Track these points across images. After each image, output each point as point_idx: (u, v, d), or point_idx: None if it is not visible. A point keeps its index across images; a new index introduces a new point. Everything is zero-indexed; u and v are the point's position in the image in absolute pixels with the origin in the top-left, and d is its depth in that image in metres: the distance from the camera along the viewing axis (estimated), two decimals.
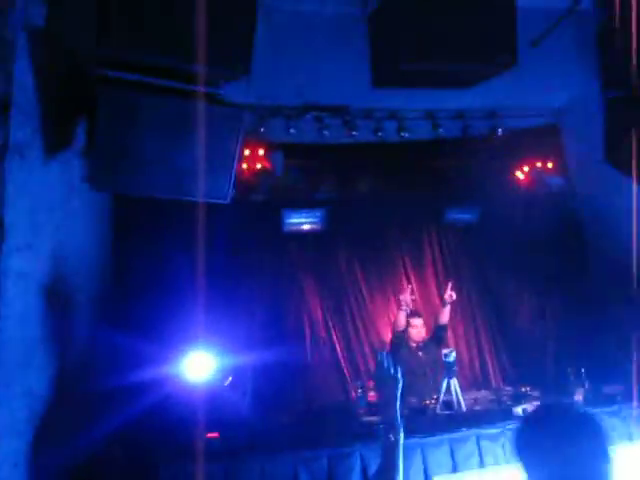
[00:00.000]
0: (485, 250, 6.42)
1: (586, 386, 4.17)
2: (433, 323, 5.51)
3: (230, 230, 5.68)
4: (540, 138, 6.91)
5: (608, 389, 4.24)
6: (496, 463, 3.51)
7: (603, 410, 3.76)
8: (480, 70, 4.42)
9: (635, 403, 3.90)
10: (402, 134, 6.27)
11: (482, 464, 3.52)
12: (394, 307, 6.15)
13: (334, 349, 5.92)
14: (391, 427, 2.18)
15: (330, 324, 5.97)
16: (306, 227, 6.00)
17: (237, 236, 5.70)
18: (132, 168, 3.68)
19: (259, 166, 6.20)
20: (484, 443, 3.53)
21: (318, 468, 3.30)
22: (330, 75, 5.64)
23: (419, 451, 3.44)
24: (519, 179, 6.90)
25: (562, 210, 6.60)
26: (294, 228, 5.95)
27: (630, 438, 3.75)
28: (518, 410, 3.78)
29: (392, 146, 6.42)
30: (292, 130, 6.01)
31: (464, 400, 4.16)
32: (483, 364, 6.16)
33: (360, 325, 6.04)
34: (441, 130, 6.33)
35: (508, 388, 4.59)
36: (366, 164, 6.43)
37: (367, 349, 5.97)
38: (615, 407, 3.87)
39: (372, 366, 5.95)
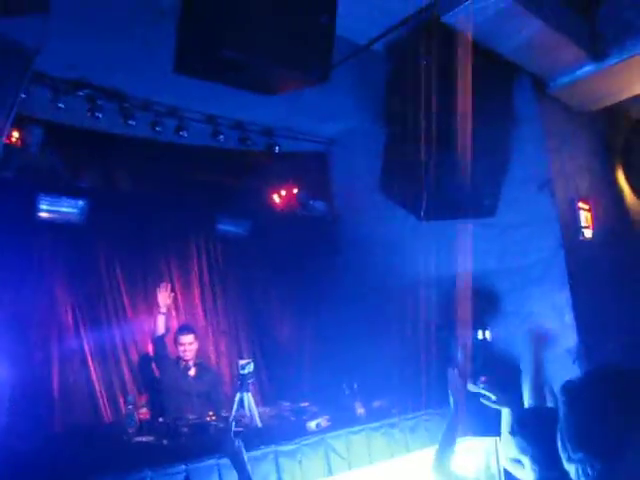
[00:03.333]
0: (253, 265, 6.32)
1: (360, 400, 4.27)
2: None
3: None
4: (310, 163, 7.19)
5: (376, 403, 4.42)
6: None
7: (383, 423, 3.88)
8: (294, 76, 4.35)
9: (408, 415, 4.11)
10: (181, 133, 5.94)
11: None
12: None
13: (85, 362, 5.12)
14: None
15: (82, 332, 5.16)
16: (63, 217, 5.16)
17: None
18: None
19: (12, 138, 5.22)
20: (282, 460, 3.32)
21: None
22: (113, 55, 5.07)
23: (216, 474, 3.06)
24: (286, 199, 7.04)
25: (325, 234, 6.88)
26: (49, 216, 5.07)
27: (407, 448, 3.92)
28: (312, 425, 3.66)
29: (168, 146, 6.03)
30: (61, 105, 5.25)
31: (244, 417, 3.90)
32: None
33: (118, 336, 5.35)
34: (221, 137, 6.16)
35: (286, 403, 4.47)
36: (139, 160, 5.89)
37: (123, 363, 5.31)
38: (395, 419, 4.01)
39: (127, 378, 5.32)
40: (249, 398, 3.69)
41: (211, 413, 4.09)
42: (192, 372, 5.07)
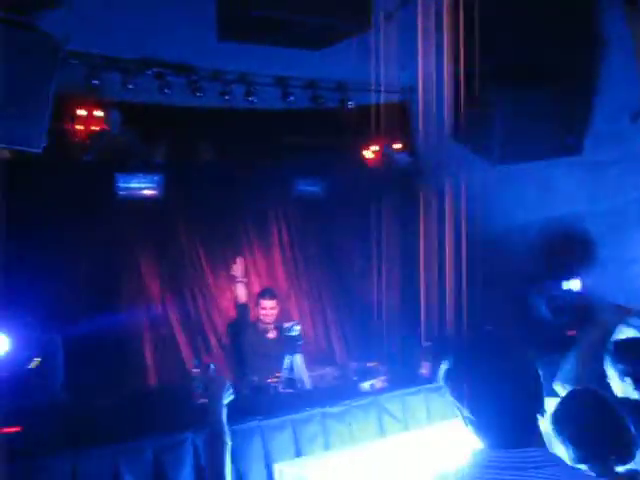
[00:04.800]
0: (332, 224, 6.27)
1: (430, 360, 4.13)
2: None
3: (56, 193, 4.99)
4: (389, 115, 6.91)
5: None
6: (342, 443, 3.30)
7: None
8: (334, 28, 4.18)
9: None
10: (251, 99, 5.93)
11: (327, 445, 3.29)
12: None
13: (171, 327, 5.42)
14: (216, 433, 1.99)
15: (167, 300, 5.46)
16: (143, 193, 5.41)
17: (65, 200, 5.01)
18: None
19: (93, 126, 5.54)
20: (329, 422, 3.31)
21: (142, 462, 2.85)
22: (174, 28, 5.13)
23: (259, 435, 3.12)
24: (367, 154, 6.86)
25: (408, 188, 6.65)
26: (129, 193, 5.33)
27: None
28: (365, 386, 3.61)
29: (239, 113, 6.07)
30: (130, 86, 5.42)
31: (309, 377, 3.93)
32: (328, 340, 6.02)
33: (200, 301, 5.60)
34: (291, 98, 6.10)
35: (354, 363, 4.44)
36: (211, 130, 6.00)
37: (207, 326, 5.56)
38: None
39: (212, 343, 5.57)
40: (298, 360, 3.69)
41: (277, 374, 4.15)
42: (271, 335, 5.15)
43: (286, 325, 3.79)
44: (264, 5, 3.74)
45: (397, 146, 6.85)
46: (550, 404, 2.06)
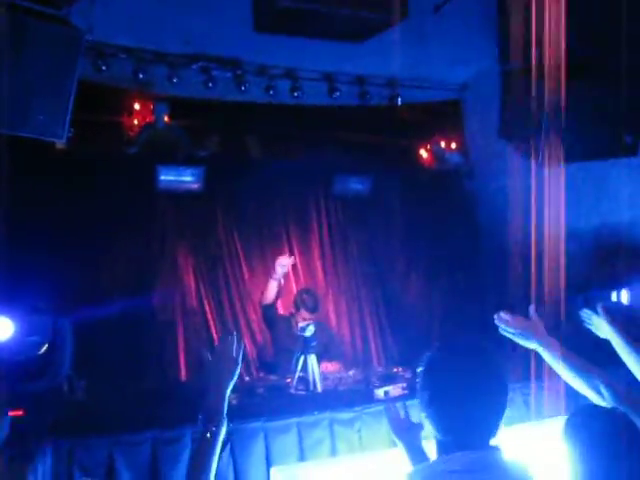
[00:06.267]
0: (375, 224, 6.10)
1: None
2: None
3: (96, 183, 5.09)
4: (442, 114, 6.68)
5: None
6: (350, 451, 3.15)
7: None
8: (368, 18, 4.03)
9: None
10: (296, 94, 5.85)
11: (334, 452, 3.15)
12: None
13: (206, 319, 5.41)
14: (211, 419, 1.83)
15: (203, 294, 5.45)
16: (183, 185, 5.43)
17: (104, 190, 5.09)
18: None
19: (143, 119, 5.63)
20: (337, 428, 3.17)
21: (139, 454, 2.81)
22: (222, 22, 5.11)
23: (262, 436, 3.02)
24: (417, 154, 6.66)
25: (458, 189, 6.40)
26: (169, 186, 5.37)
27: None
28: (379, 393, 3.44)
29: (285, 109, 5.99)
30: (175, 79, 5.45)
31: (325, 379, 3.79)
32: (366, 343, 5.86)
33: (236, 297, 5.56)
34: (337, 94, 5.98)
35: (380, 368, 4.26)
36: (255, 125, 5.96)
37: (242, 322, 5.51)
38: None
39: (247, 341, 5.52)
40: (312, 361, 3.56)
41: (294, 375, 4.02)
42: (307, 332, 5.03)
43: (300, 324, 3.67)
44: None
45: (451, 145, 6.61)
46: None
